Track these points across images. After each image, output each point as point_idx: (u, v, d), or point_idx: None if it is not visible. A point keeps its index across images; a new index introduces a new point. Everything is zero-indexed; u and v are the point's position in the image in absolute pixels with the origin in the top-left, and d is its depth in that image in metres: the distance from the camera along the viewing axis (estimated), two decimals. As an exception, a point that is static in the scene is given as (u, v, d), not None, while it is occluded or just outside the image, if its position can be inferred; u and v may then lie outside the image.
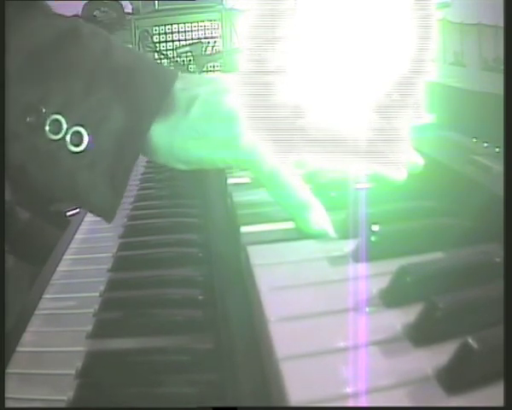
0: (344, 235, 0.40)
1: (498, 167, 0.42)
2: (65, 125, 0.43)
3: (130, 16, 1.44)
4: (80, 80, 0.43)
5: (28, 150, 0.43)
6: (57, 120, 0.43)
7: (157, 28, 1.35)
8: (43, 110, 0.42)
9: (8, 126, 0.42)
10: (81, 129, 0.43)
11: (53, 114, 0.42)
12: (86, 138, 0.43)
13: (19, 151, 0.43)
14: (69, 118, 0.43)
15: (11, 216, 0.86)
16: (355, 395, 0.25)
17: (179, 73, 0.47)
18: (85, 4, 1.48)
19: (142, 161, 0.98)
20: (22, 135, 0.43)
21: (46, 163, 0.43)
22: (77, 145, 0.43)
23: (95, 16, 1.45)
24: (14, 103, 0.42)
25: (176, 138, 0.45)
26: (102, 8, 1.45)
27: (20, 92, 0.42)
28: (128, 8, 1.49)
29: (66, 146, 0.43)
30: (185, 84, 0.46)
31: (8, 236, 0.80)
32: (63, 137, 0.43)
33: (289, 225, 0.43)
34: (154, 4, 1.38)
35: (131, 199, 0.80)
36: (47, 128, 0.42)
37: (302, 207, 0.42)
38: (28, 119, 0.42)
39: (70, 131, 0.43)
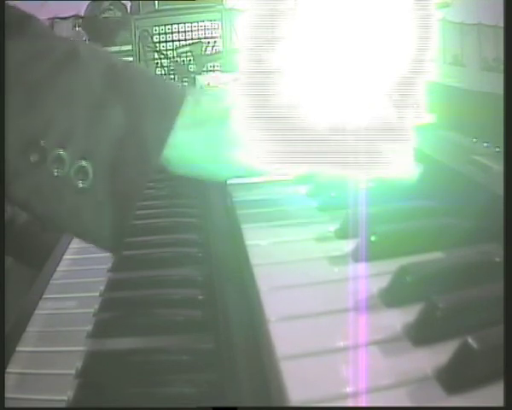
0: (344, 235, 0.40)
1: (498, 167, 0.42)
2: (68, 161, 0.40)
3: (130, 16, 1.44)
4: (81, 110, 0.40)
5: (31, 187, 0.40)
6: (60, 155, 0.40)
7: (157, 28, 1.35)
8: (44, 145, 0.39)
9: (8, 163, 0.39)
10: (86, 163, 0.40)
11: (55, 148, 0.39)
12: (91, 173, 0.40)
13: (21, 188, 0.40)
14: (72, 152, 0.40)
15: (11, 216, 0.86)
16: (355, 394, 0.25)
17: (186, 92, 0.45)
18: (89, 4, 1.48)
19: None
20: (24, 172, 0.39)
21: (50, 200, 0.40)
22: (82, 180, 0.40)
23: (96, 16, 1.46)
24: (13, 139, 0.39)
25: (188, 153, 0.45)
26: (108, 6, 1.46)
27: (19, 127, 0.39)
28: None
29: (70, 182, 0.40)
30: (197, 97, 0.45)
31: (8, 236, 0.80)
32: (67, 173, 0.40)
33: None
34: (154, 4, 1.38)
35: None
36: (49, 164, 0.39)
37: None
38: (29, 155, 0.39)
39: (74, 166, 0.40)
